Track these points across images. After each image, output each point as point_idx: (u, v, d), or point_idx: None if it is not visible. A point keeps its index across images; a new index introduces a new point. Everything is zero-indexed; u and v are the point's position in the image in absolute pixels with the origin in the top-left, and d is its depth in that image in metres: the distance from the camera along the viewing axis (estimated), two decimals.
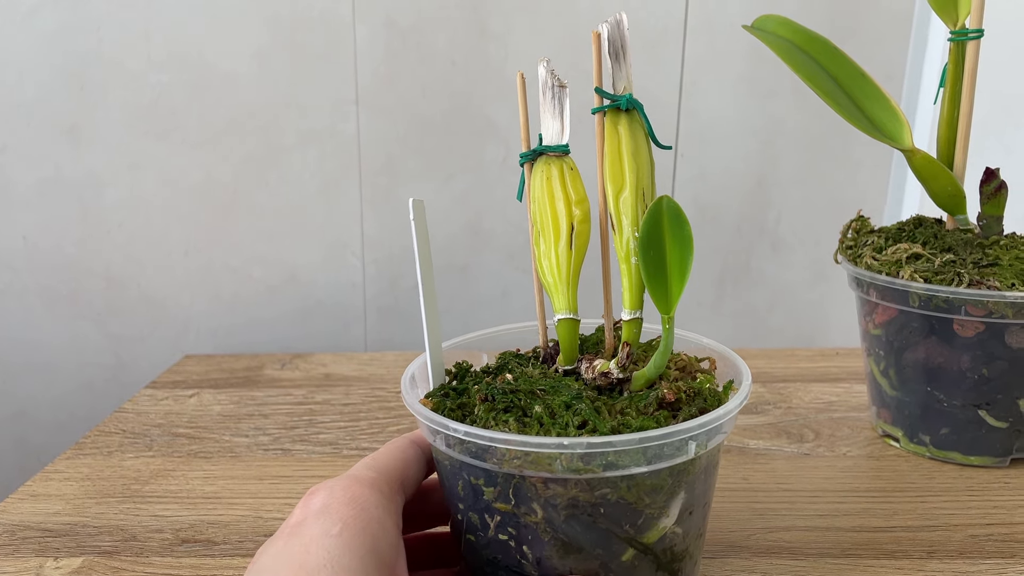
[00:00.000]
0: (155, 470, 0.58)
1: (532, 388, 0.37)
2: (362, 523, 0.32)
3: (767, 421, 0.63)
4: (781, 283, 0.88)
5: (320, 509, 0.33)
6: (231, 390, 0.73)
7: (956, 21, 0.55)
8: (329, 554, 0.31)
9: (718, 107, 0.84)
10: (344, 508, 0.33)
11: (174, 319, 0.90)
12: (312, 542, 0.31)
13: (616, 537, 0.35)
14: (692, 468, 0.36)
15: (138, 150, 0.85)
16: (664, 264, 0.36)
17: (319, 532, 0.32)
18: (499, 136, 0.84)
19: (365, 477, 0.35)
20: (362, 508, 0.33)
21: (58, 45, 0.82)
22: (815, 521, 0.49)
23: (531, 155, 0.40)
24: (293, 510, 0.34)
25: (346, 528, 0.32)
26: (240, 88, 0.83)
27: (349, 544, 0.31)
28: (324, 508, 0.33)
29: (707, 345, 0.43)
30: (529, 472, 0.34)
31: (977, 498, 0.52)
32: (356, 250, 0.87)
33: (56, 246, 0.87)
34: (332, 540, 0.31)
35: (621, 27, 0.40)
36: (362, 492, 0.34)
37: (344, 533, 0.32)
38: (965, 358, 0.53)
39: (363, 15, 0.81)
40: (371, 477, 0.35)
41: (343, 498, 0.33)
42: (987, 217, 0.55)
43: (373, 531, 0.33)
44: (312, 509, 0.33)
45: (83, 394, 0.91)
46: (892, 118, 0.56)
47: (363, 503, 0.33)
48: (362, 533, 0.32)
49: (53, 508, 0.54)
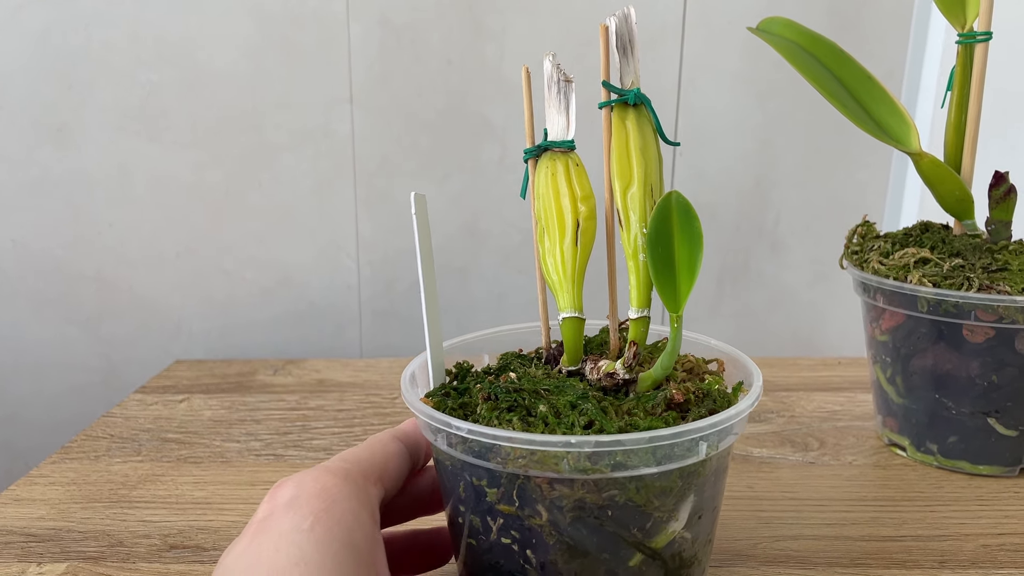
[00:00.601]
0: (143, 475, 0.57)
1: (536, 388, 0.36)
2: (335, 516, 0.30)
3: (771, 429, 0.62)
4: (780, 284, 0.88)
5: (288, 502, 0.31)
6: (222, 395, 0.71)
7: (964, 23, 0.54)
8: (301, 551, 0.29)
9: (716, 105, 0.83)
10: (314, 500, 0.31)
11: (165, 322, 0.88)
12: (281, 539, 0.29)
13: (624, 541, 0.34)
14: (702, 470, 0.35)
15: (128, 150, 0.83)
16: (673, 261, 0.35)
17: (289, 527, 0.30)
18: (496, 136, 0.83)
19: (337, 467, 0.33)
20: (333, 500, 0.31)
21: (45, 43, 0.80)
22: (823, 530, 0.48)
23: (536, 151, 0.40)
24: (260, 504, 0.32)
25: (318, 522, 0.30)
26: (232, 87, 0.82)
27: (322, 539, 0.29)
28: (292, 501, 0.31)
29: (715, 346, 0.42)
30: (534, 472, 0.33)
31: (987, 508, 0.51)
32: (351, 252, 0.86)
33: (45, 248, 0.86)
34: (303, 536, 0.29)
35: (629, 21, 0.40)
36: (333, 483, 0.32)
37: (316, 527, 0.30)
38: (974, 364, 0.52)
39: (357, 12, 0.80)
40: (343, 467, 0.33)
41: (313, 490, 0.31)
42: (996, 222, 0.54)
43: (347, 524, 0.31)
44: (280, 503, 0.31)
45: (72, 398, 0.90)
46: (899, 121, 0.55)
47: (334, 495, 0.31)
48: (336, 527, 0.30)
49: (37, 513, 0.52)
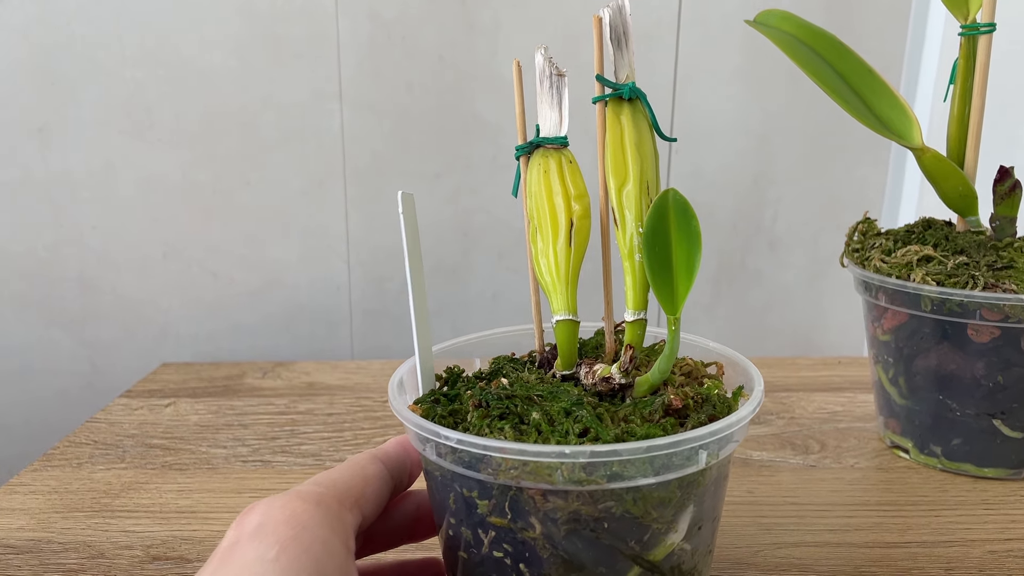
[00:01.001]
0: (127, 483, 0.56)
1: (529, 394, 0.35)
2: (302, 544, 0.29)
3: (770, 432, 0.60)
4: (778, 282, 0.87)
5: (254, 530, 0.30)
6: (209, 399, 0.70)
7: (967, 15, 0.53)
8: None
9: (712, 102, 0.82)
10: (282, 528, 0.29)
11: (151, 324, 0.87)
12: (244, 569, 0.28)
13: (621, 554, 0.33)
14: (702, 479, 0.34)
15: (112, 149, 0.82)
16: (670, 261, 0.34)
17: (253, 557, 0.28)
18: (488, 133, 0.82)
19: (309, 492, 0.32)
20: (303, 527, 0.30)
21: (26, 39, 0.79)
22: (825, 536, 0.47)
23: (528, 148, 0.39)
24: (228, 530, 0.31)
25: (284, 551, 0.29)
26: (219, 84, 0.80)
27: (287, 569, 0.28)
28: (259, 528, 0.30)
29: (713, 349, 0.41)
30: (527, 483, 0.32)
31: (994, 512, 0.49)
32: (341, 252, 0.85)
33: (28, 250, 0.84)
34: (267, 566, 0.28)
35: (623, 13, 0.39)
36: (303, 509, 0.30)
37: (281, 557, 0.28)
38: (979, 365, 0.51)
39: (346, 7, 0.78)
40: (316, 492, 0.32)
41: (281, 517, 0.30)
42: (1000, 218, 0.53)
43: (315, 553, 0.29)
44: (246, 530, 0.30)
45: (56, 403, 0.88)
46: (901, 115, 0.54)
47: (304, 521, 0.30)
48: (303, 556, 0.29)
49: (16, 523, 0.51)
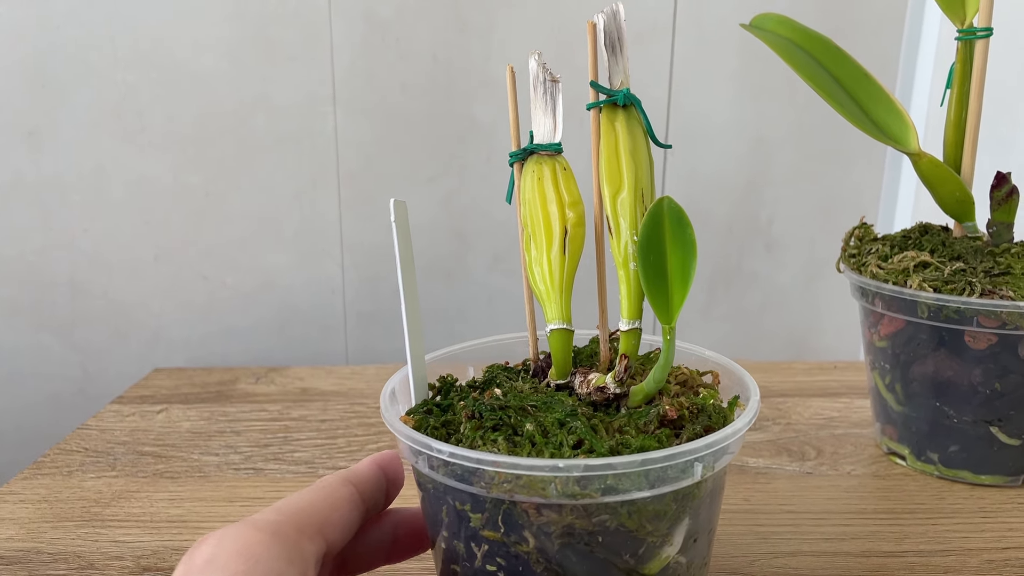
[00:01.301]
0: (117, 491, 0.55)
1: (523, 404, 0.35)
2: None
3: (766, 438, 0.60)
4: (774, 285, 0.86)
5: (204, 563, 0.28)
6: (202, 405, 0.69)
7: (963, 19, 0.53)
8: None
9: (708, 105, 0.82)
10: (233, 561, 0.28)
11: (143, 329, 0.86)
12: None
13: (615, 568, 0.32)
14: (698, 492, 0.33)
15: (103, 152, 0.81)
16: (665, 270, 0.34)
17: None
18: (483, 135, 0.81)
19: (265, 522, 0.30)
20: (255, 560, 0.28)
21: (16, 41, 0.78)
22: (822, 545, 0.46)
23: (521, 154, 0.39)
24: (178, 564, 0.29)
25: None
26: (211, 87, 0.80)
27: None
28: (210, 562, 0.28)
29: (709, 357, 0.41)
30: (520, 497, 0.31)
31: (991, 520, 0.49)
32: (335, 255, 0.84)
33: (18, 254, 0.84)
34: None
35: (618, 18, 0.39)
36: (258, 540, 0.29)
37: None
38: (976, 372, 0.50)
39: (339, 8, 0.78)
40: (272, 522, 0.30)
41: (233, 549, 0.28)
42: (997, 224, 0.52)
43: None
44: (196, 563, 0.28)
45: (47, 409, 0.88)
46: (897, 120, 0.54)
47: (257, 554, 0.28)
48: None
49: (5, 533, 0.50)
